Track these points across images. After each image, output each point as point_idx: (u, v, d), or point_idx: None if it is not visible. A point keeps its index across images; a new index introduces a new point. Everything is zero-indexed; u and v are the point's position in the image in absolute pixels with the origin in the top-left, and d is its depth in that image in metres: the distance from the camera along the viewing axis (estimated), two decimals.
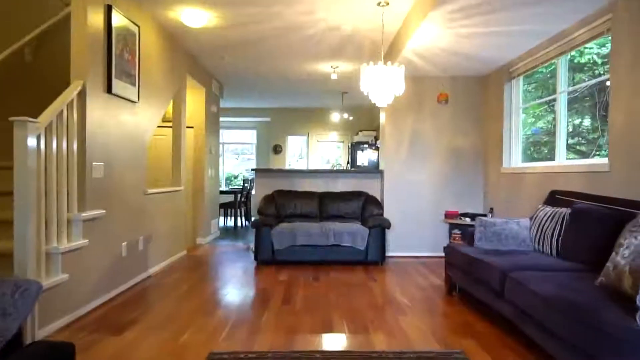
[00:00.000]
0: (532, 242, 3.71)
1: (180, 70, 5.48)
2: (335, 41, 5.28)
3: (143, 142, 4.43)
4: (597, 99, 4.08)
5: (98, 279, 3.54)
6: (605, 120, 4.05)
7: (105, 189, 3.65)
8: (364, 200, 5.84)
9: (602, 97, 4.01)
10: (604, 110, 4.02)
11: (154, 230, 4.73)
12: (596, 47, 4.06)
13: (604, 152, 3.99)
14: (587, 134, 4.26)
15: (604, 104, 4.03)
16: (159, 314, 3.39)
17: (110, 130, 3.73)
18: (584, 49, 4.09)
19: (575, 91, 4.23)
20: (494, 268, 3.04)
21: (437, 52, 4.76)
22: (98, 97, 3.50)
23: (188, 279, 4.51)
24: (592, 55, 4.15)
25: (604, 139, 4.03)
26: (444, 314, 3.49)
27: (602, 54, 4.08)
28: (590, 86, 4.05)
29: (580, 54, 4.23)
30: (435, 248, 5.87)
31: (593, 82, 3.98)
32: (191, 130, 6.61)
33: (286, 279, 4.59)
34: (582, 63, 4.27)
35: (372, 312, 3.51)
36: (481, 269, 3.25)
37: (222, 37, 5.14)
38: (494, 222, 3.85)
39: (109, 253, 3.72)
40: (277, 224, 5.37)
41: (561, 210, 3.53)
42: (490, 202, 5.67)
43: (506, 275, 2.88)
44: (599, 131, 4.08)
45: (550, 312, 2.34)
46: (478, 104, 5.92)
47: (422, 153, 5.92)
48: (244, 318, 3.33)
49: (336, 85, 7.81)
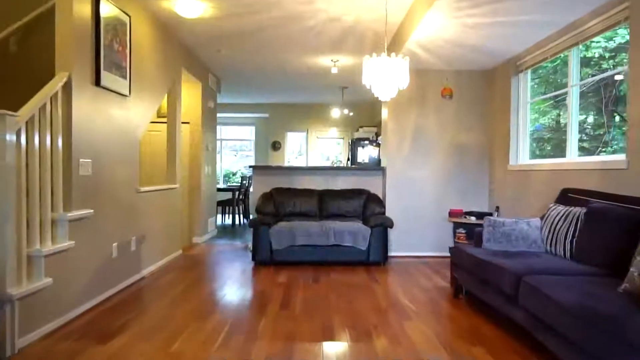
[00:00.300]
0: (543, 243, 3.53)
1: (175, 63, 5.28)
2: (336, 33, 5.08)
3: (135, 137, 4.23)
4: (603, 95, 3.92)
5: (86, 283, 3.35)
6: (612, 116, 3.88)
7: (94, 187, 3.46)
8: (366, 198, 5.66)
9: (609, 92, 3.85)
10: (612, 105, 3.85)
11: (148, 229, 4.54)
12: (603, 40, 3.90)
13: (610, 148, 3.83)
14: (592, 130, 4.10)
15: (612, 99, 3.85)
16: (149, 319, 3.20)
17: (99, 125, 3.54)
18: (591, 42, 3.92)
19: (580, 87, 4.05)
20: (505, 271, 2.86)
21: (442, 43, 4.57)
22: (85, 90, 3.31)
23: (182, 281, 4.33)
24: (600, 49, 3.99)
25: (610, 135, 3.87)
26: (451, 318, 3.31)
27: (609, 48, 3.91)
28: (596, 81, 3.88)
29: (586, 48, 4.07)
30: (438, 248, 5.70)
31: (608, 74, 3.79)
32: (187, 126, 6.42)
33: (285, 280, 4.41)
34: (588, 57, 4.10)
35: (375, 317, 3.33)
36: (491, 272, 3.06)
37: (218, 28, 4.94)
38: (503, 222, 3.66)
39: (98, 254, 3.53)
40: (275, 223, 5.19)
41: (575, 209, 3.35)
42: (496, 201, 5.49)
43: (520, 279, 2.69)
44: (605, 127, 3.91)
45: (570, 321, 2.16)
46: (483, 98, 5.73)
47: (426, 149, 5.73)
48: (240, 324, 3.15)
49: (336, 79, 7.61)
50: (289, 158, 11.29)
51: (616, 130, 3.86)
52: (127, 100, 4.00)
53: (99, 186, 3.54)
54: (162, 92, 4.93)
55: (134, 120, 4.17)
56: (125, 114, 3.98)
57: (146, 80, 4.42)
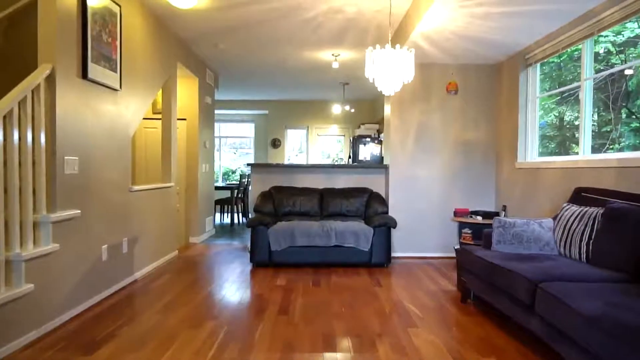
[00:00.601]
0: (556, 245, 3.34)
1: (170, 57, 5.08)
2: (337, 25, 4.88)
3: (127, 134, 4.04)
4: (610, 90, 3.74)
5: (72, 288, 3.16)
6: (621, 112, 3.71)
7: (81, 186, 3.27)
8: (368, 197, 5.46)
9: (617, 88, 3.68)
10: (622, 100, 3.67)
11: (141, 230, 4.35)
12: (612, 34, 3.71)
13: (618, 145, 3.67)
14: (597, 127, 3.92)
15: (621, 95, 3.68)
16: (139, 327, 3.01)
17: (88, 120, 3.34)
18: (599, 37, 3.74)
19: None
20: (520, 277, 2.66)
21: (448, 36, 4.36)
22: (71, 83, 3.11)
23: (177, 284, 4.14)
24: (608, 44, 3.81)
25: (618, 132, 3.71)
26: (460, 326, 3.12)
27: (617, 42, 3.73)
28: (604, 77, 3.69)
29: (594, 43, 3.88)
30: (443, 248, 5.51)
31: (625, 66, 3.59)
32: (184, 122, 6.23)
33: (284, 283, 4.22)
34: (595, 52, 3.93)
35: (379, 324, 3.14)
36: (503, 277, 2.87)
37: (214, 20, 4.74)
38: (513, 222, 3.47)
39: (85, 258, 3.34)
40: (274, 223, 4.99)
41: (590, 209, 3.15)
42: (503, 199, 5.29)
43: (536, 287, 2.50)
44: (612, 124, 3.74)
45: (593, 333, 1.96)
46: (490, 94, 5.52)
47: (430, 147, 5.53)
48: (235, 331, 2.96)
49: (337, 75, 7.41)
50: (289, 156, 11.09)
51: (624, 127, 3.69)
52: (118, 95, 3.81)
53: (87, 185, 3.34)
54: (156, 87, 4.73)
55: (126, 116, 3.98)
56: (116, 109, 3.79)
57: (139, 74, 4.22)
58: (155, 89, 4.68)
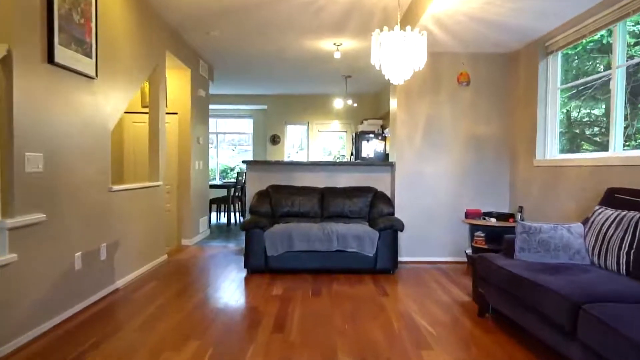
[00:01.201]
0: (588, 253, 2.94)
1: (158, 44, 4.67)
2: (339, 9, 4.47)
3: (106, 127, 3.64)
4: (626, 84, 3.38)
5: (35, 303, 2.76)
6: (637, 107, 3.33)
7: (47, 187, 2.87)
8: (372, 197, 5.05)
9: (632, 82, 3.30)
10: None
11: (123, 234, 3.96)
12: (631, 24, 3.32)
13: (635, 142, 3.28)
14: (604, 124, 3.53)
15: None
16: (115, 346, 2.62)
17: (56, 111, 2.94)
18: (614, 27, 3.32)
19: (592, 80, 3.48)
20: (556, 295, 2.26)
21: (461, 19, 3.95)
22: (33, 68, 2.71)
23: (162, 293, 3.75)
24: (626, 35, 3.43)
25: (634, 128, 3.32)
26: (479, 346, 2.72)
27: (635, 33, 3.34)
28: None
29: (609, 33, 3.48)
30: (454, 252, 5.11)
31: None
32: (175, 117, 5.83)
33: (280, 292, 3.83)
34: (610, 43, 3.53)
35: (386, 344, 2.74)
36: (532, 293, 2.47)
37: (206, 3, 4.33)
38: (539, 228, 3.06)
39: (53, 268, 2.94)
40: (271, 225, 4.59)
41: (630, 214, 2.75)
42: (519, 200, 4.88)
43: (579, 309, 2.10)
44: (629, 119, 3.36)
45: None
46: (504, 85, 5.11)
47: (439, 143, 5.11)
48: (223, 352, 2.57)
49: (339, 66, 6.99)
50: (289, 153, 10.69)
51: None
52: (95, 84, 3.40)
53: (54, 185, 2.94)
54: (142, 77, 4.33)
55: (104, 108, 3.58)
56: (92, 100, 3.39)
57: (120, 62, 3.82)
58: (140, 79, 4.28)
